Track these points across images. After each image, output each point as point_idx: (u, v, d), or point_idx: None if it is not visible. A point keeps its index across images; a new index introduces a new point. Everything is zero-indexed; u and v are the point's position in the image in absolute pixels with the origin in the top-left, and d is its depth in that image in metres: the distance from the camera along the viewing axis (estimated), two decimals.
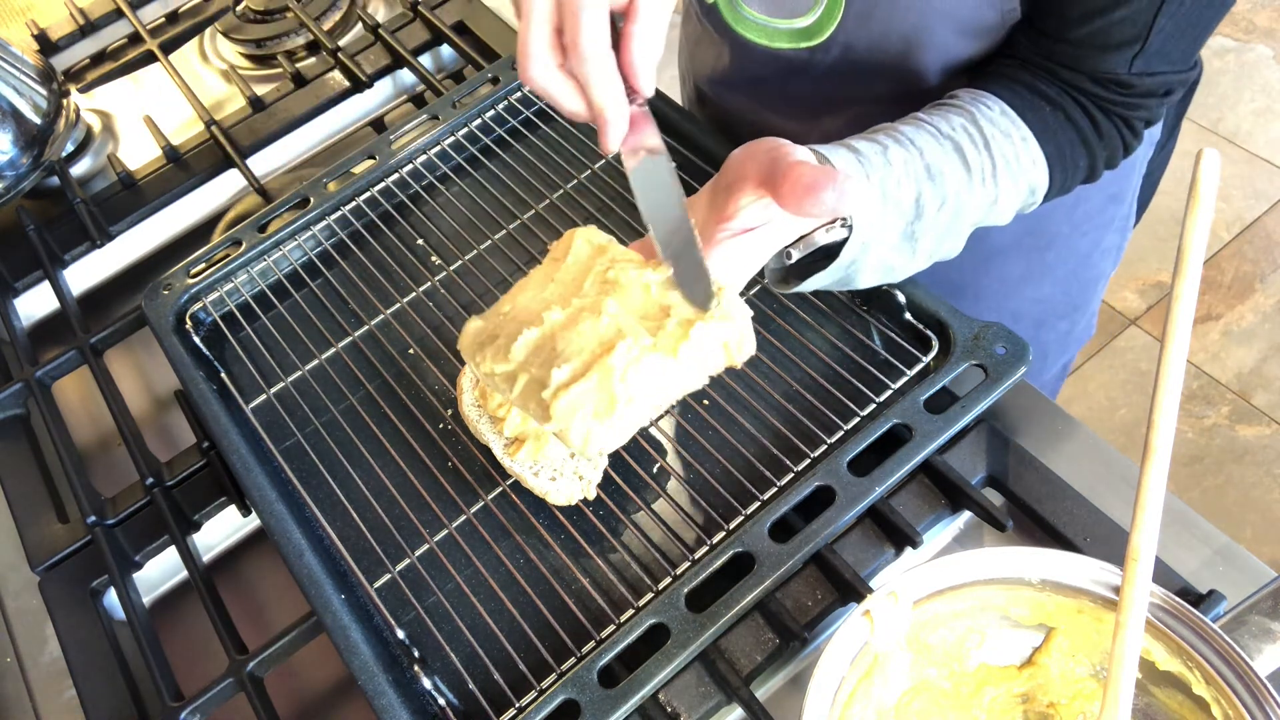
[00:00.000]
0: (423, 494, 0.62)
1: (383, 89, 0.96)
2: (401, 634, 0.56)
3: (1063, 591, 0.48)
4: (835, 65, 0.67)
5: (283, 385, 0.70)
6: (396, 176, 0.80)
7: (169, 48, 1.04)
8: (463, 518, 0.61)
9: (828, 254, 0.54)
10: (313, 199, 0.78)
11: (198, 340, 0.72)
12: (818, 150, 0.52)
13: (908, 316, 0.62)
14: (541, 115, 0.82)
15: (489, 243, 0.75)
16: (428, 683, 0.54)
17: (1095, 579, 0.47)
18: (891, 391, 0.60)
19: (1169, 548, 0.54)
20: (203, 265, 0.75)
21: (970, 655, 0.50)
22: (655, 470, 0.61)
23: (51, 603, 0.65)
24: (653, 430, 0.62)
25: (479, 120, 0.82)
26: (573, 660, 0.54)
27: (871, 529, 0.57)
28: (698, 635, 0.51)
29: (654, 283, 0.50)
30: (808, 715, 0.44)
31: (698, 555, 0.56)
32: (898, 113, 0.59)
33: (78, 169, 0.96)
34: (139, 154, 0.95)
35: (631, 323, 0.49)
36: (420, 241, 0.77)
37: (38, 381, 0.76)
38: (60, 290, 0.82)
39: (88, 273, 0.89)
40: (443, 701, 0.53)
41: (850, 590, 0.54)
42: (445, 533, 0.60)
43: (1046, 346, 0.90)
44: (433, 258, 0.76)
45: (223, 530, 0.71)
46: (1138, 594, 0.45)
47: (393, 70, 0.95)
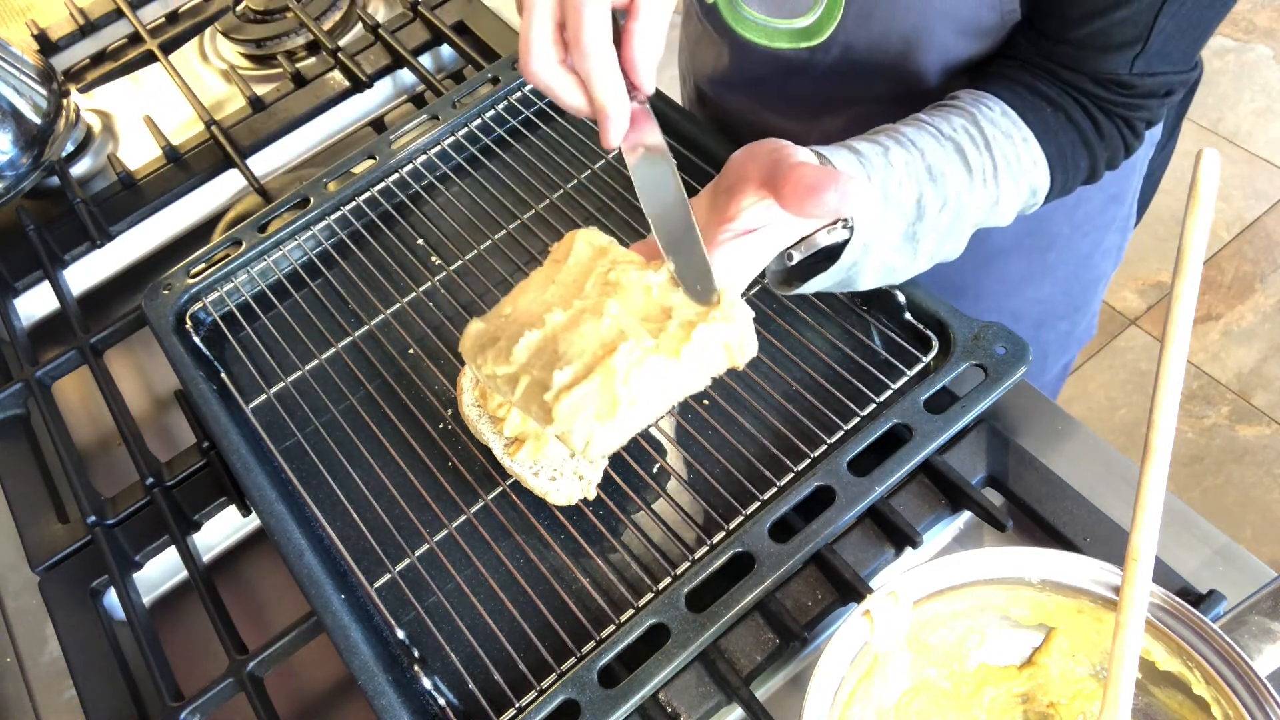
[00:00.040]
0: (423, 494, 0.62)
1: (383, 89, 0.96)
2: (401, 634, 0.56)
3: (1063, 591, 0.48)
4: (835, 65, 0.67)
5: (283, 385, 0.70)
6: (396, 176, 0.80)
7: (169, 48, 1.04)
8: (463, 518, 0.61)
9: (829, 255, 0.54)
10: (313, 199, 0.78)
11: (198, 340, 0.72)
12: (819, 151, 0.52)
13: (908, 316, 0.62)
14: (541, 115, 0.82)
15: (489, 243, 0.75)
16: (428, 683, 0.54)
17: (1095, 579, 0.47)
18: (891, 391, 0.60)
19: (1169, 548, 0.54)
20: (203, 265, 0.75)
21: (970, 655, 0.50)
22: (655, 470, 0.61)
23: (51, 603, 0.65)
24: (653, 430, 0.62)
25: (479, 120, 0.82)
26: (573, 660, 0.54)
27: (871, 529, 0.57)
28: (698, 635, 0.51)
29: (655, 284, 0.49)
30: (808, 715, 0.44)
31: (698, 555, 0.56)
32: (898, 113, 0.59)
33: (78, 169, 0.96)
34: (139, 154, 0.95)
35: (633, 324, 0.48)
36: (420, 241, 0.77)
37: (38, 381, 0.76)
38: (60, 290, 0.82)
39: (88, 273, 0.89)
40: (443, 701, 0.53)
41: (850, 590, 0.54)
42: (445, 533, 0.60)
43: (1047, 347, 0.90)
44: (433, 258, 0.76)
45: (223, 530, 0.71)
46: (1138, 594, 0.45)
47: (393, 70, 0.95)
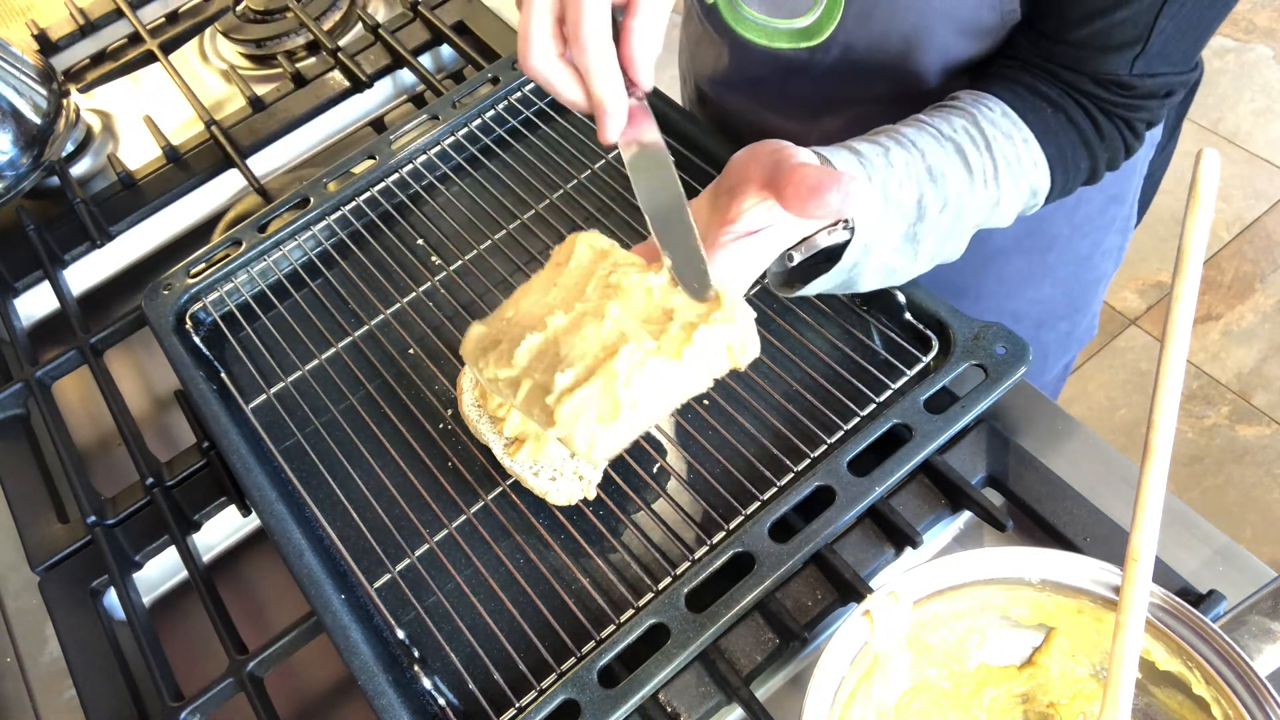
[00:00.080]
0: (423, 494, 0.62)
1: (383, 89, 0.96)
2: (401, 634, 0.56)
3: (1063, 591, 0.48)
4: (835, 65, 0.67)
5: (283, 385, 0.70)
6: (396, 176, 0.80)
7: (169, 48, 1.04)
8: (463, 518, 0.61)
9: (829, 256, 0.54)
10: (313, 199, 0.78)
11: (198, 340, 0.72)
12: (819, 152, 0.52)
13: (908, 316, 0.62)
14: (541, 115, 0.82)
15: (489, 243, 0.75)
16: (428, 683, 0.54)
17: (1095, 579, 0.47)
18: (891, 391, 0.60)
19: (1169, 548, 0.54)
20: (203, 265, 0.75)
21: (970, 655, 0.50)
22: (655, 470, 0.61)
23: (51, 603, 0.65)
24: (653, 430, 0.62)
25: (479, 120, 0.82)
26: (573, 660, 0.54)
27: (871, 529, 0.57)
28: (698, 635, 0.51)
29: (656, 286, 0.49)
30: (808, 715, 0.44)
31: (698, 555, 0.56)
32: (898, 113, 0.59)
33: (78, 169, 0.96)
34: (139, 154, 0.95)
35: (634, 326, 0.48)
36: (420, 241, 0.77)
37: (38, 381, 0.76)
38: (60, 290, 0.82)
39: (88, 273, 0.89)
40: (443, 701, 0.53)
41: (850, 590, 0.54)
42: (445, 533, 0.60)
43: (1047, 347, 0.90)
44: (433, 258, 0.76)
45: (223, 530, 0.71)
46: (1138, 594, 0.45)
47: (393, 70, 0.95)
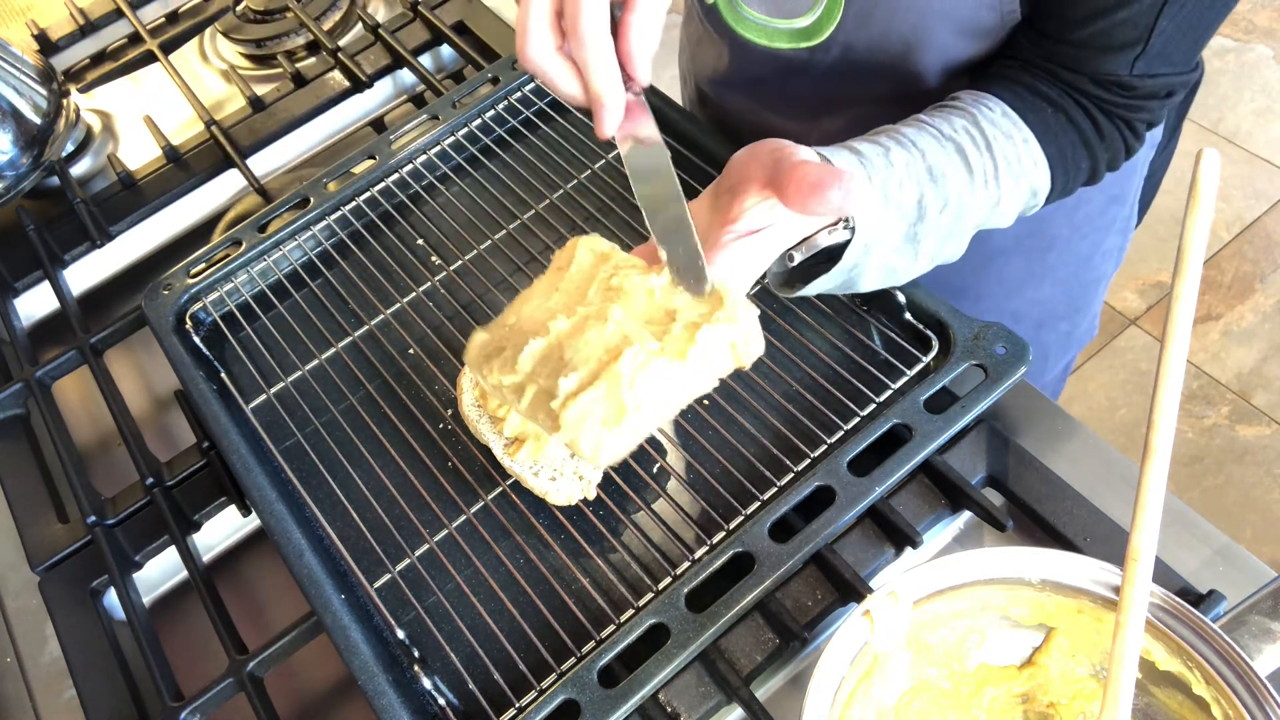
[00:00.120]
0: (423, 494, 0.62)
1: (383, 89, 0.96)
2: (401, 634, 0.56)
3: (1063, 591, 0.48)
4: (835, 65, 0.67)
5: (283, 385, 0.70)
6: (396, 176, 0.80)
7: (169, 48, 1.04)
8: (463, 518, 0.61)
9: (830, 257, 0.54)
10: (313, 199, 0.78)
11: (198, 340, 0.72)
12: (819, 152, 0.52)
13: (908, 316, 0.62)
14: (541, 115, 0.82)
15: (489, 243, 0.75)
16: (428, 683, 0.54)
17: (1095, 579, 0.47)
18: (891, 391, 0.60)
19: (1169, 548, 0.54)
20: (203, 265, 0.75)
21: (970, 655, 0.50)
22: (655, 470, 0.61)
23: (51, 603, 0.65)
24: (654, 431, 0.62)
25: (479, 120, 0.82)
26: (573, 660, 0.54)
27: (871, 529, 0.57)
28: (698, 635, 0.51)
29: (658, 287, 0.49)
30: (808, 715, 0.44)
31: (698, 555, 0.56)
32: (898, 114, 0.59)
33: (78, 169, 0.96)
34: (139, 154, 0.95)
35: (637, 328, 0.48)
36: (420, 241, 0.77)
37: (38, 381, 0.76)
38: (60, 290, 0.82)
39: (88, 273, 0.89)
40: (443, 701, 0.53)
41: (850, 590, 0.54)
42: (445, 533, 0.60)
43: (1047, 348, 0.90)
44: (433, 258, 0.76)
45: (223, 530, 0.71)
46: (1138, 594, 0.45)
47: (393, 70, 0.95)
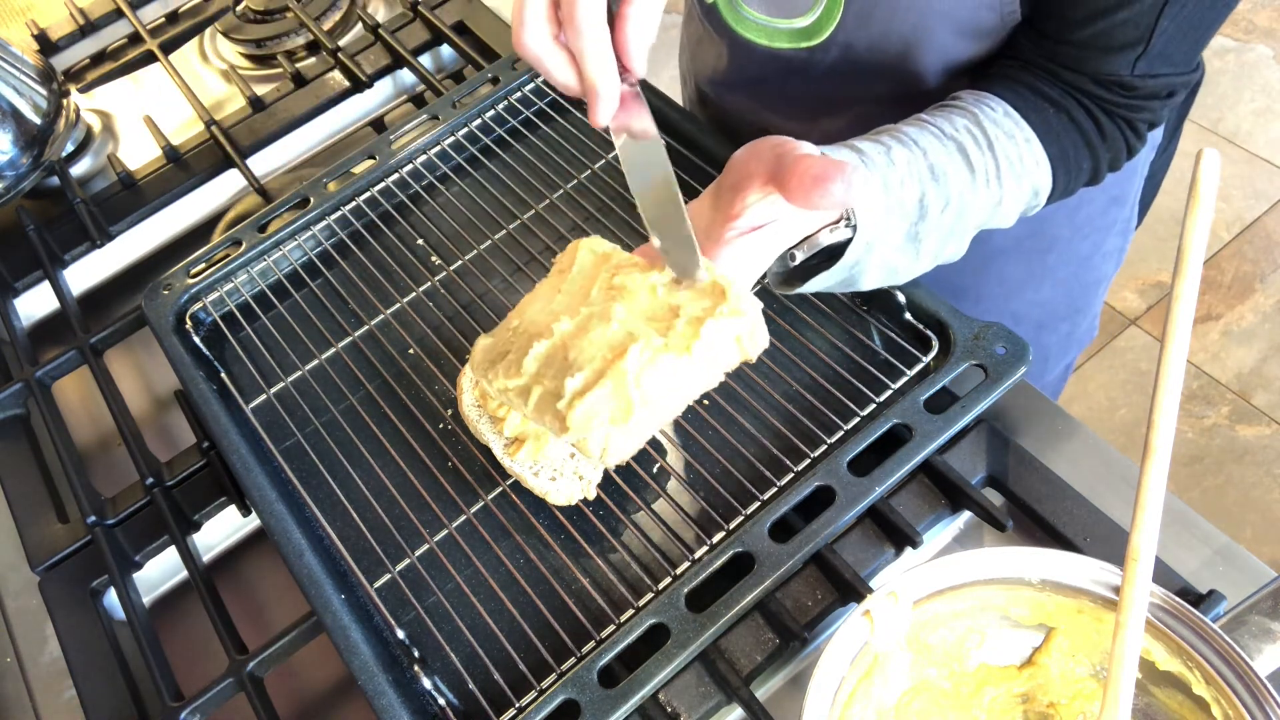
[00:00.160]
0: (423, 494, 0.62)
1: (383, 89, 0.96)
2: (401, 634, 0.56)
3: (1063, 591, 0.48)
4: (835, 65, 0.67)
5: (283, 385, 0.70)
6: (396, 176, 0.80)
7: (169, 48, 1.04)
8: (463, 518, 0.61)
9: (831, 255, 0.54)
10: (313, 199, 0.78)
11: (198, 340, 0.72)
12: (820, 149, 0.52)
13: (908, 316, 0.62)
14: (541, 115, 0.82)
15: (489, 243, 0.75)
16: (428, 683, 0.54)
17: (1095, 579, 0.47)
18: (891, 391, 0.60)
19: (1169, 548, 0.54)
20: (203, 265, 0.75)
21: (970, 655, 0.50)
22: (655, 470, 0.61)
23: (51, 603, 0.65)
24: (661, 427, 0.62)
25: (479, 120, 0.82)
26: (573, 660, 0.54)
27: (871, 529, 0.57)
28: (698, 635, 0.51)
29: (660, 284, 0.49)
30: (808, 715, 0.44)
31: (698, 555, 0.56)
32: (898, 114, 0.59)
33: (78, 169, 0.96)
34: (139, 154, 0.95)
35: (641, 325, 0.48)
36: (420, 241, 0.77)
37: (38, 381, 0.76)
38: (60, 290, 0.82)
39: (88, 273, 0.89)
40: (443, 701, 0.53)
41: (850, 590, 0.54)
42: (445, 533, 0.60)
43: (1048, 349, 0.90)
44: (433, 258, 0.76)
45: (223, 530, 0.71)
46: (1138, 594, 0.45)
47: (393, 70, 0.95)
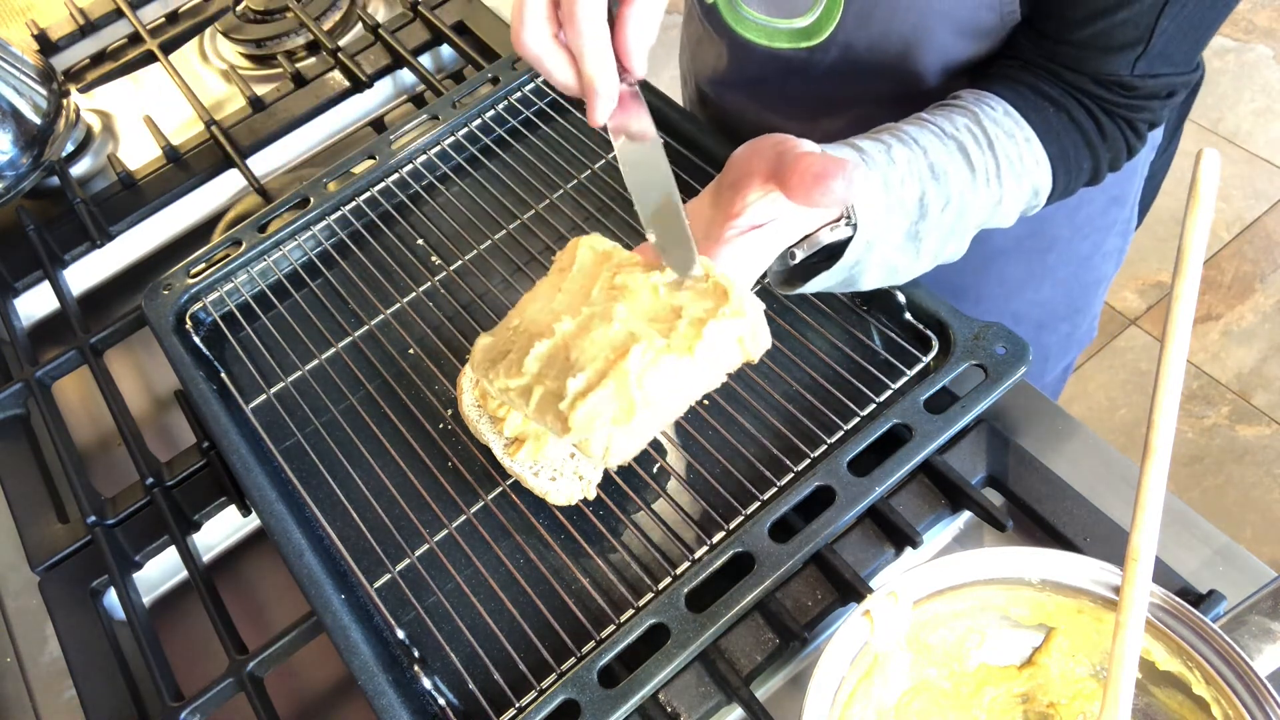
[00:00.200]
0: (423, 494, 0.62)
1: (383, 89, 0.96)
2: (401, 634, 0.56)
3: (1063, 591, 0.48)
4: (835, 65, 0.67)
5: (283, 385, 0.70)
6: (396, 176, 0.80)
7: (169, 48, 1.04)
8: (463, 518, 0.61)
9: (831, 254, 0.54)
10: (313, 199, 0.78)
11: (198, 340, 0.72)
12: (821, 148, 0.52)
13: (908, 316, 0.62)
14: (541, 115, 0.82)
15: (489, 243, 0.75)
16: (428, 683, 0.54)
17: (1095, 579, 0.47)
18: (891, 391, 0.60)
19: (1169, 548, 0.54)
20: (203, 265, 0.75)
21: (970, 655, 0.50)
22: (655, 470, 0.61)
23: (51, 603, 0.65)
24: (662, 428, 0.62)
25: (479, 120, 0.82)
26: (573, 660, 0.54)
27: (871, 529, 0.57)
28: (698, 635, 0.51)
29: (661, 284, 0.49)
30: (808, 715, 0.44)
31: (698, 555, 0.56)
32: (898, 114, 0.59)
33: (78, 169, 0.96)
34: (139, 154, 0.95)
35: (643, 326, 0.48)
36: (420, 241, 0.77)
37: (38, 381, 0.76)
38: (60, 290, 0.82)
39: (88, 273, 0.89)
40: (443, 701, 0.53)
41: (850, 590, 0.54)
42: (445, 533, 0.60)
43: (1048, 349, 0.90)
44: (433, 258, 0.76)
45: (223, 530, 0.71)
46: (1138, 594, 0.45)
47: (393, 70, 0.95)
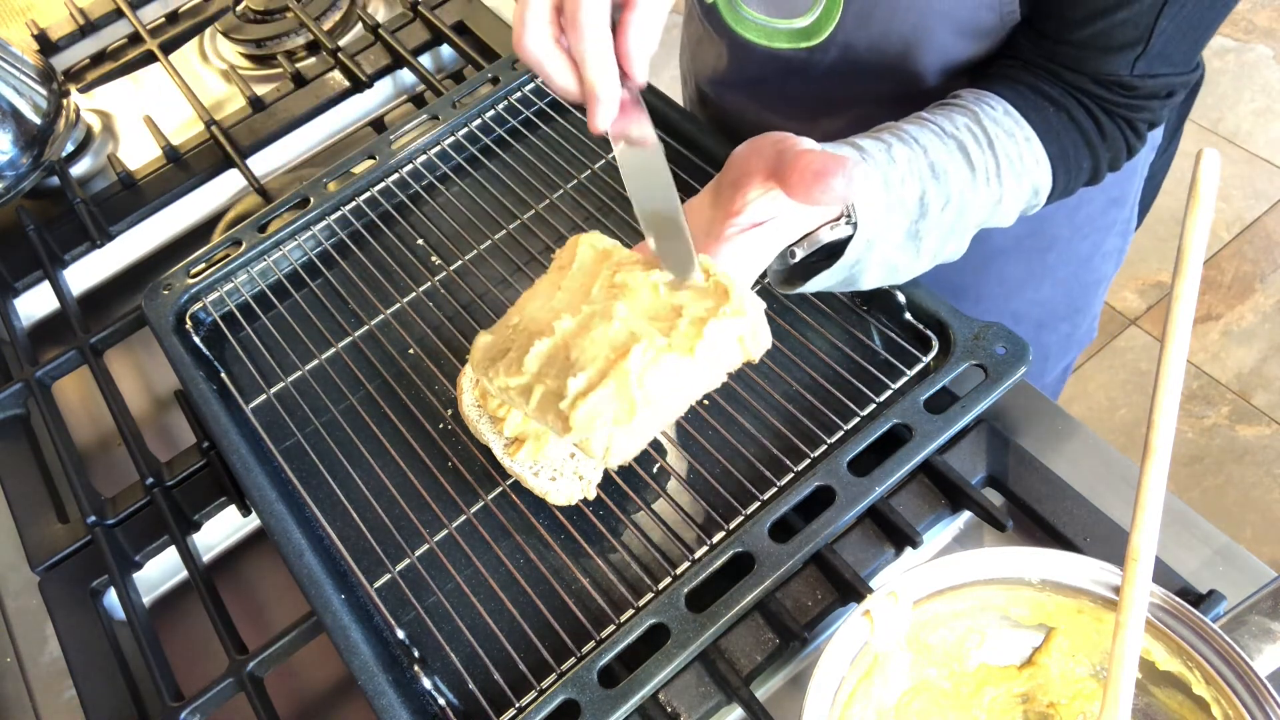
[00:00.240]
0: (423, 494, 0.62)
1: (383, 89, 0.96)
2: (401, 634, 0.56)
3: (1063, 591, 0.48)
4: (834, 65, 0.67)
5: (283, 385, 0.70)
6: (396, 176, 0.80)
7: (169, 48, 1.04)
8: (463, 518, 0.61)
9: (831, 254, 0.54)
10: (313, 199, 0.78)
11: (198, 340, 0.72)
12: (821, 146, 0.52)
13: (908, 316, 0.62)
14: (541, 115, 0.82)
15: (489, 243, 0.75)
16: (428, 683, 0.54)
17: (1095, 579, 0.47)
18: (891, 391, 0.60)
19: (1169, 548, 0.54)
20: (203, 265, 0.75)
21: (970, 655, 0.50)
22: (655, 470, 0.61)
23: (51, 603, 0.65)
24: (663, 428, 0.62)
25: (479, 120, 0.82)
26: (573, 660, 0.54)
27: (871, 529, 0.57)
28: (698, 635, 0.51)
29: (661, 283, 0.49)
30: (808, 715, 0.44)
31: (698, 555, 0.56)
32: (898, 114, 0.59)
33: (78, 169, 0.96)
34: (139, 154, 0.95)
35: (644, 325, 0.48)
36: (420, 241, 0.77)
37: (38, 381, 0.76)
38: (60, 290, 0.82)
39: (88, 273, 0.89)
40: (443, 701, 0.53)
41: (850, 590, 0.54)
42: (445, 533, 0.60)
43: (1048, 349, 0.90)
44: (433, 258, 0.76)
45: (223, 530, 0.71)
46: (1138, 594, 0.45)
47: (393, 70, 0.95)
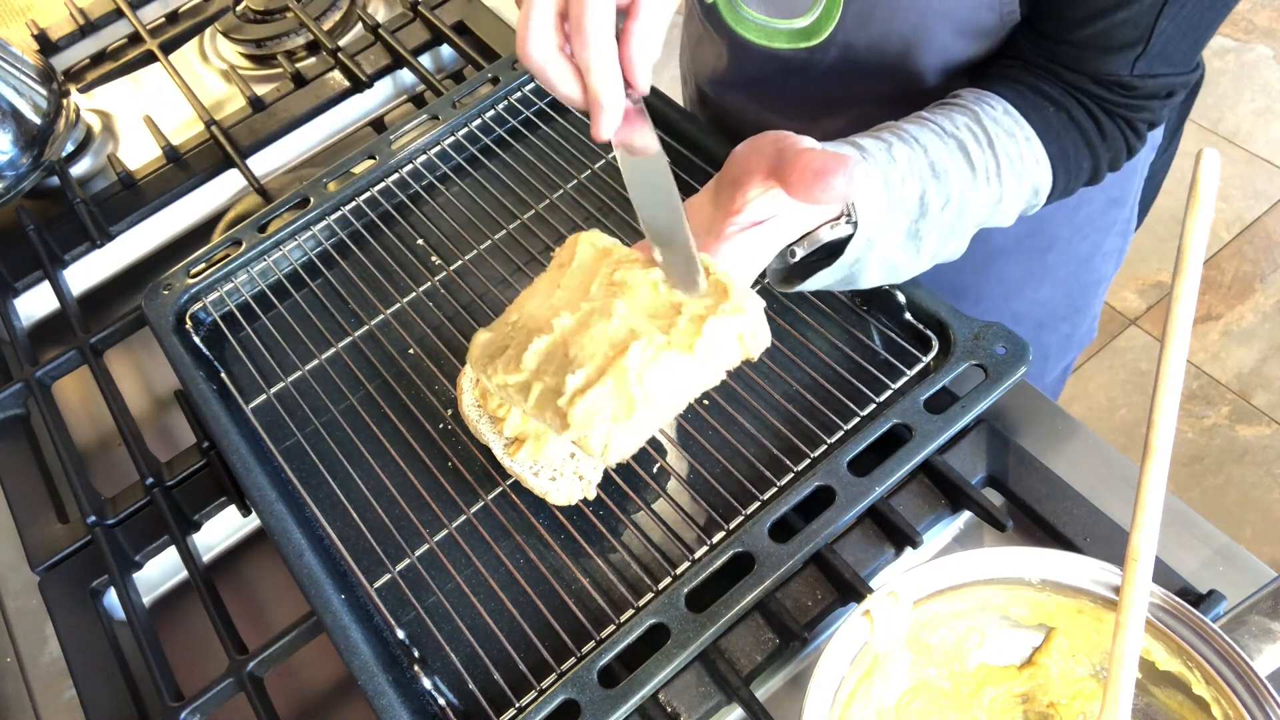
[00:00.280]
0: (423, 494, 0.62)
1: (383, 89, 0.96)
2: (401, 634, 0.56)
3: (1063, 591, 0.48)
4: (834, 65, 0.67)
5: (283, 385, 0.70)
6: (396, 176, 0.80)
7: (169, 48, 1.04)
8: (463, 518, 0.61)
9: (831, 253, 0.54)
10: (313, 199, 0.78)
11: (198, 340, 0.72)
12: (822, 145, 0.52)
13: (908, 316, 0.62)
14: (541, 115, 0.82)
15: (489, 243, 0.75)
16: (428, 683, 0.54)
17: (1095, 579, 0.47)
18: (891, 391, 0.60)
19: (1169, 548, 0.54)
20: (203, 265, 0.75)
21: (970, 655, 0.50)
22: (655, 470, 0.61)
23: (51, 603, 0.65)
24: (662, 426, 0.62)
25: (479, 120, 0.82)
26: (573, 660, 0.54)
27: (871, 529, 0.57)
28: (698, 635, 0.51)
29: (661, 281, 0.49)
30: (808, 715, 0.44)
31: (698, 555, 0.56)
32: (898, 114, 0.59)
33: (78, 169, 0.96)
34: (139, 154, 0.95)
35: (643, 322, 0.48)
36: (420, 241, 0.77)
37: (38, 381, 0.76)
38: (60, 290, 0.82)
39: (88, 273, 0.89)
40: (443, 701, 0.53)
41: (850, 590, 0.54)
42: (445, 533, 0.60)
43: (1048, 349, 0.90)
44: (433, 258, 0.76)
45: (223, 530, 0.71)
46: (1138, 594, 0.45)
47: (393, 70, 0.95)
